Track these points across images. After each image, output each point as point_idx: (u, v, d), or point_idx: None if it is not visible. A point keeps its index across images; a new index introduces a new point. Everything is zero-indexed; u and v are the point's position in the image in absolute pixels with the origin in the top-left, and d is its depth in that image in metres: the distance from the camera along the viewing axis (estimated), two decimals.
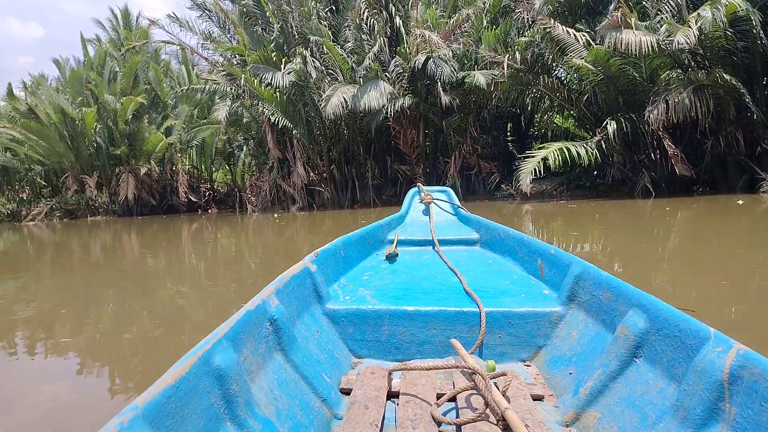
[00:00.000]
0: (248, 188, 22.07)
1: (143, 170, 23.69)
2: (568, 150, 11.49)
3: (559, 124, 17.52)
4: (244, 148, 23.11)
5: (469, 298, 1.94)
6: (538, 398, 1.50)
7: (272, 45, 16.93)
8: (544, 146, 12.29)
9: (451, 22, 15.34)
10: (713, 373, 1.08)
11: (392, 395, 1.47)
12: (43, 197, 27.28)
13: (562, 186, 14.25)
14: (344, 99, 14.24)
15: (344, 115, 15.43)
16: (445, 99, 14.25)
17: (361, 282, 2.24)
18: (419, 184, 3.86)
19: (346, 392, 1.53)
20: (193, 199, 25.66)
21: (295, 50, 16.06)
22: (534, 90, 13.97)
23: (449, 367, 1.47)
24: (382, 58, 15.35)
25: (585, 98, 12.72)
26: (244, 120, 20.31)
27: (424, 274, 2.38)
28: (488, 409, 1.26)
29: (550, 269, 2.12)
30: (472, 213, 3.23)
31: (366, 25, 15.39)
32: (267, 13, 16.90)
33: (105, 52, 26.10)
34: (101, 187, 24.70)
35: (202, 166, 27.81)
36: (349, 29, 15.96)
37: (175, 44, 20.34)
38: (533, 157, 11.73)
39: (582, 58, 11.20)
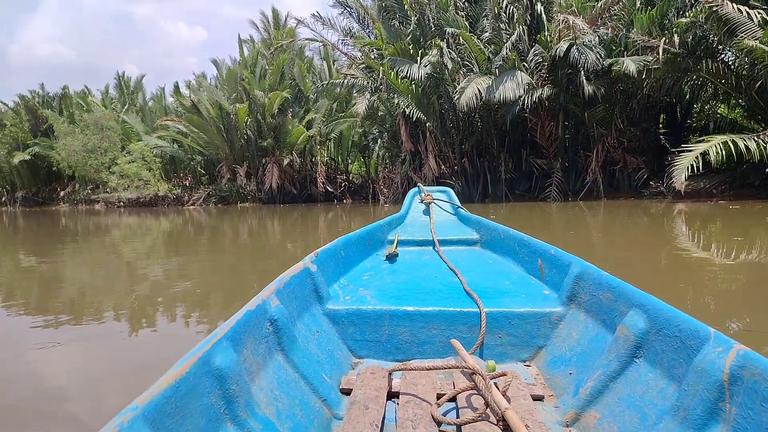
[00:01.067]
0: (381, 180, 22.60)
1: (286, 161, 25.30)
2: (735, 143, 10.15)
3: (723, 114, 15.62)
4: (379, 140, 23.67)
5: (469, 298, 1.93)
6: (538, 398, 1.49)
7: (409, 38, 17.06)
8: (704, 139, 11.06)
9: (599, 5, 14.32)
10: (713, 374, 1.07)
11: (392, 395, 1.47)
12: (202, 184, 30.35)
13: (724, 184, 12.65)
14: (479, 90, 13.92)
15: (478, 107, 15.11)
16: (588, 89, 13.34)
17: (361, 282, 2.24)
18: (419, 184, 3.83)
19: (346, 392, 1.53)
20: (330, 189, 26.92)
21: (432, 42, 16.02)
22: (694, 77, 12.66)
23: (449, 368, 1.47)
24: (520, 48, 14.78)
25: (758, 85, 11.17)
26: (380, 113, 20.78)
27: (425, 274, 2.38)
28: (488, 410, 1.25)
29: (550, 269, 2.10)
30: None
31: (505, 13, 14.88)
32: (405, 7, 17.05)
33: (257, 51, 28.24)
34: (250, 176, 26.82)
35: (339, 158, 29.06)
36: (487, 19, 15.58)
37: (317, 41, 21.35)
38: (691, 151, 10.56)
39: (756, 39, 9.78)
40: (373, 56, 18.46)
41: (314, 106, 26.67)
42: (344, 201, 26.02)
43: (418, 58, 15.74)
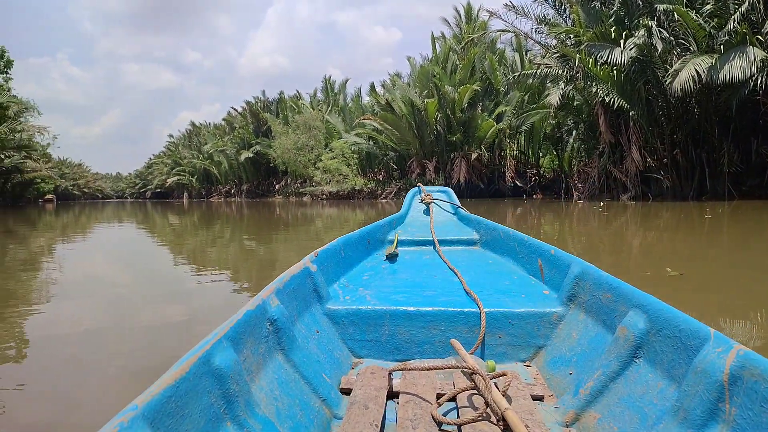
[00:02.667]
0: (575, 174, 21.24)
1: (474, 155, 25.24)
2: None
3: None
4: (574, 132, 22.28)
5: (469, 298, 1.92)
6: (538, 398, 1.48)
7: (611, 19, 15.64)
8: None
9: None
10: (713, 374, 1.06)
11: (392, 395, 1.46)
12: (394, 179, 31.86)
13: None
14: (696, 72, 12.20)
15: (695, 91, 13.24)
16: None
17: (361, 282, 2.22)
18: (419, 184, 3.76)
19: (346, 392, 1.52)
20: (518, 184, 26.18)
21: (638, 22, 14.45)
22: None
23: (449, 367, 1.44)
24: (752, 18, 12.51)
25: None
26: (575, 103, 19.49)
27: (425, 274, 2.36)
28: (488, 410, 1.24)
29: (550, 269, 2.08)
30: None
31: None
32: None
33: (448, 47, 28.60)
34: (438, 171, 27.32)
35: (530, 152, 28.05)
36: None
37: (510, 32, 20.79)
38: None
39: None
40: (569, 43, 17.33)
41: (505, 98, 26.10)
42: (534, 196, 25.06)
43: (622, 42, 14.33)
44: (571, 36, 17.04)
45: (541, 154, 28.09)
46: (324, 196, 34.58)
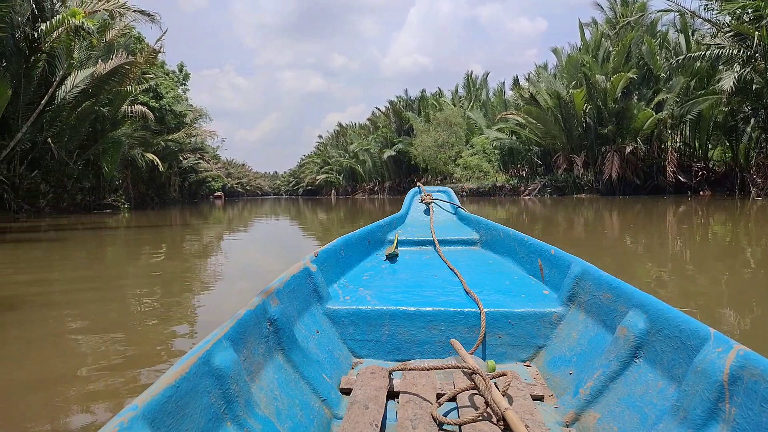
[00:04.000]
0: (753, 168, 18.65)
1: (628, 149, 23.29)
2: None
3: None
4: (752, 120, 19.56)
5: (469, 298, 1.92)
6: (538, 398, 1.47)
7: None
8: None
9: None
10: (713, 374, 1.06)
11: (392, 395, 1.46)
12: (538, 175, 30.66)
13: None
14: None
15: None
16: None
17: (361, 282, 2.21)
18: (419, 184, 3.74)
19: (346, 392, 1.51)
20: (682, 179, 23.69)
21: None
22: None
23: (449, 367, 1.43)
24: None
25: None
26: (754, 86, 17.09)
27: (425, 274, 2.35)
28: (488, 410, 1.23)
29: (550, 269, 2.08)
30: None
31: None
32: None
33: (600, 33, 26.68)
34: (587, 166, 25.68)
35: (696, 143, 25.18)
36: None
37: (673, 11, 18.84)
38: None
39: None
40: (746, 19, 15.25)
41: (666, 85, 23.73)
42: (701, 193, 22.55)
43: None
44: (749, 11, 14.99)
45: (710, 146, 25.08)
46: (464, 192, 34.40)
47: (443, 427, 1.25)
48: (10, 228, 11.75)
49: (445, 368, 1.43)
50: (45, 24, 15.19)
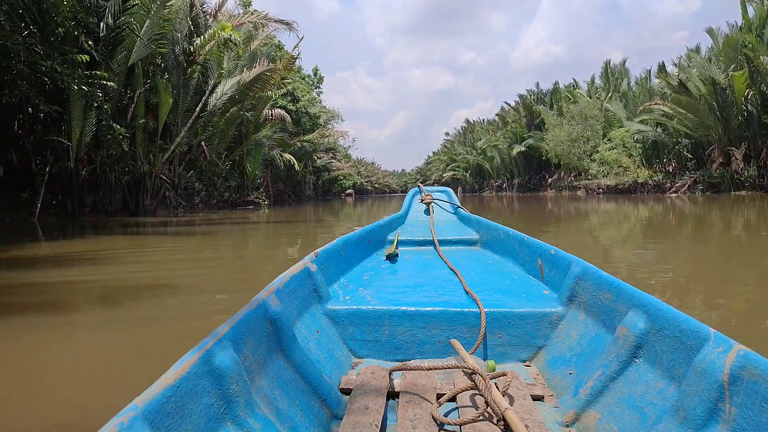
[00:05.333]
0: None
1: None
2: None
3: None
4: None
5: (469, 298, 1.92)
6: (538, 398, 1.47)
7: None
8: None
9: None
10: (713, 374, 1.07)
11: (392, 395, 1.45)
12: (687, 170, 27.74)
13: None
14: None
15: None
16: None
17: (361, 282, 2.21)
18: (419, 184, 3.68)
19: (346, 392, 1.51)
20: None
21: None
22: None
23: (449, 367, 1.43)
24: None
25: None
26: None
27: (425, 274, 2.35)
28: (488, 410, 1.24)
29: (550, 269, 2.07)
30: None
31: None
32: None
33: (767, 9, 23.50)
34: (749, 160, 22.78)
35: None
36: None
37: None
38: None
39: None
40: None
41: None
42: None
43: None
44: None
45: None
46: (600, 190, 32.25)
47: (443, 427, 1.25)
48: (170, 222, 13.27)
49: (445, 368, 1.44)
50: (199, 38, 16.85)
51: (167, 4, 14.50)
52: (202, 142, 18.98)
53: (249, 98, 20.20)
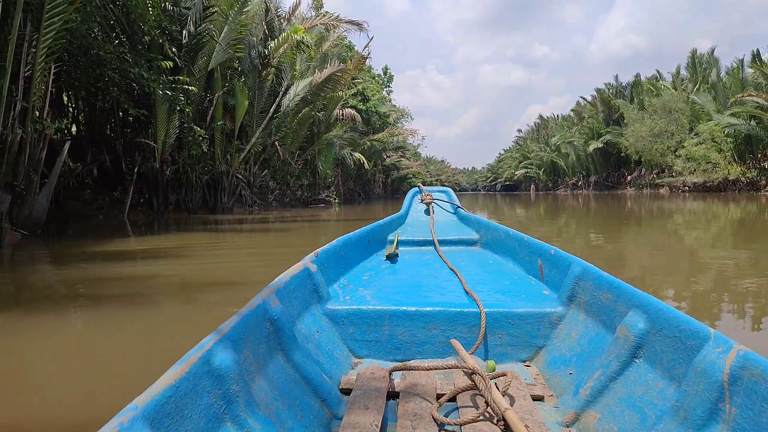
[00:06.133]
0: None
1: None
2: None
3: None
4: None
5: (469, 298, 1.92)
6: (538, 398, 1.47)
7: None
8: None
9: None
10: (713, 374, 1.07)
11: (392, 395, 1.46)
12: None
13: None
14: None
15: None
16: None
17: (361, 282, 2.20)
18: (419, 184, 3.69)
19: (346, 392, 1.50)
20: None
21: None
22: None
23: (449, 367, 1.43)
24: None
25: None
26: None
27: (425, 274, 2.35)
28: (488, 410, 1.24)
29: (550, 269, 2.06)
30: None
31: None
32: None
33: None
34: None
35: None
36: None
37: None
38: None
39: None
40: None
41: None
42: None
43: None
44: None
45: None
46: (686, 188, 30.34)
47: (443, 427, 1.25)
48: (246, 219, 13.81)
49: (445, 368, 1.44)
50: (273, 42, 17.40)
51: (244, 9, 15.07)
52: (276, 142, 19.59)
53: (320, 99, 20.63)
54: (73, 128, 14.82)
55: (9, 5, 7.03)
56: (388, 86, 42.17)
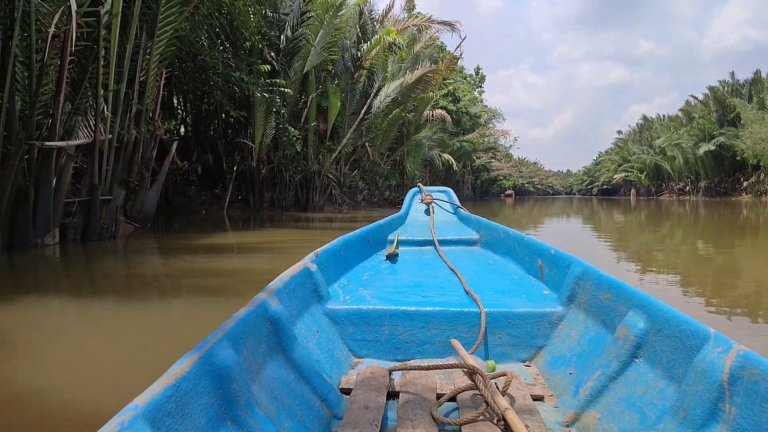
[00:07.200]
0: None
1: None
2: None
3: None
4: None
5: (469, 298, 1.92)
6: (538, 398, 1.47)
7: None
8: None
9: None
10: (713, 374, 1.07)
11: (392, 395, 1.46)
12: None
13: None
14: None
15: None
16: None
17: (361, 282, 2.21)
18: (419, 184, 3.69)
19: (346, 392, 1.51)
20: None
21: None
22: None
23: (449, 367, 1.44)
24: None
25: None
26: None
27: (425, 274, 2.35)
28: (488, 409, 1.25)
29: (550, 269, 2.06)
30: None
31: None
32: None
33: None
34: None
35: None
36: None
37: None
38: None
39: None
40: None
41: None
42: None
43: None
44: None
45: None
46: None
47: (443, 427, 1.25)
48: (335, 218, 14.19)
49: (445, 368, 1.44)
50: (366, 44, 17.72)
51: (339, 14, 15.47)
52: (366, 143, 19.93)
53: (411, 100, 20.74)
54: (181, 129, 15.94)
55: (128, 16, 7.67)
56: (480, 86, 41.57)
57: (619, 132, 79.01)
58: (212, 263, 5.61)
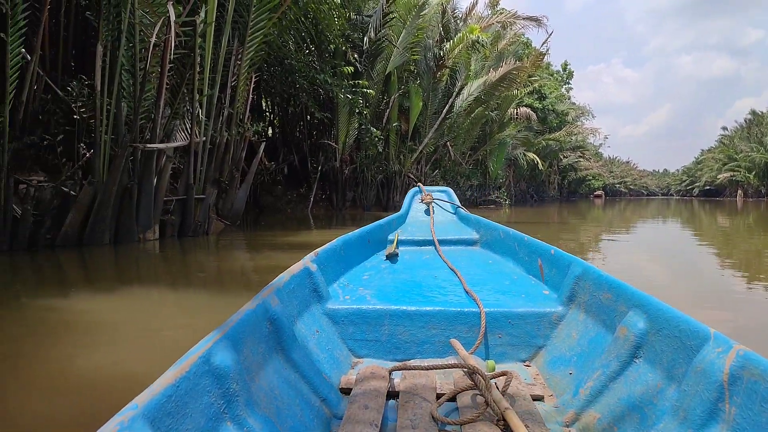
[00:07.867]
0: None
1: None
2: None
3: None
4: None
5: (469, 298, 1.92)
6: (538, 398, 1.47)
7: None
8: None
9: None
10: (713, 374, 1.07)
11: (392, 395, 1.46)
12: None
13: None
14: None
15: None
16: None
17: (361, 282, 2.22)
18: (419, 184, 3.66)
19: (346, 392, 1.51)
20: None
21: None
22: None
23: (449, 367, 1.44)
24: None
25: None
26: None
27: (425, 274, 2.34)
28: (488, 409, 1.25)
29: (550, 269, 2.05)
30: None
31: None
32: None
33: None
34: None
35: None
36: None
37: None
38: None
39: None
40: None
41: None
42: None
43: None
44: None
45: None
46: None
47: (443, 427, 1.25)
48: None
49: (445, 368, 1.44)
50: (449, 43, 17.58)
51: (421, 13, 15.46)
52: (448, 143, 19.78)
53: (494, 98, 20.36)
54: (269, 131, 16.63)
55: (221, 24, 8.10)
56: (568, 83, 40.04)
57: (724, 128, 72.69)
58: (297, 259, 5.77)
